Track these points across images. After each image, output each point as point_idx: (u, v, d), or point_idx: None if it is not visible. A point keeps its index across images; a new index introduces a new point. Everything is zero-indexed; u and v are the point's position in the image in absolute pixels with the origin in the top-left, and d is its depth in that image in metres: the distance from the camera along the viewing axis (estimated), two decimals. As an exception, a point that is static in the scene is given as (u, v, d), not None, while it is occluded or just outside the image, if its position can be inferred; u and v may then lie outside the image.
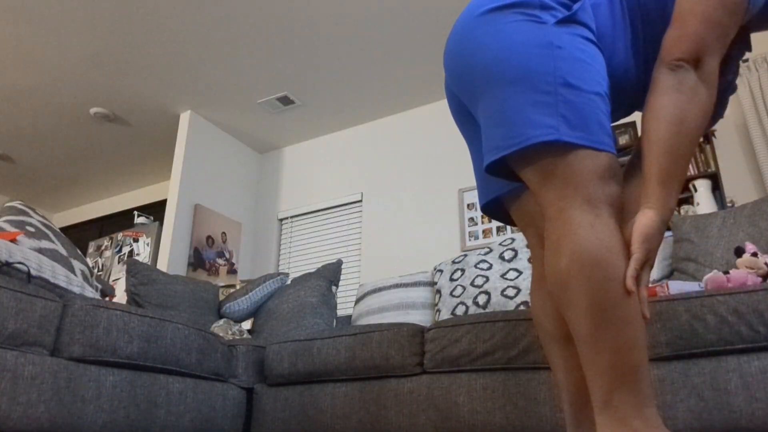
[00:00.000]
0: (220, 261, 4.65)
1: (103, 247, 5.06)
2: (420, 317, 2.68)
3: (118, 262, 4.83)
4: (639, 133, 3.45)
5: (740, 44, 1.05)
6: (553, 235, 0.91)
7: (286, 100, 4.53)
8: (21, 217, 1.89)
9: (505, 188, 1.14)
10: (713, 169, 3.19)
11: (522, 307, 2.35)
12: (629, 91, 1.04)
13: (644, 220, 0.88)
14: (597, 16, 1.01)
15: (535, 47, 0.93)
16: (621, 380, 0.82)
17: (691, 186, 3.18)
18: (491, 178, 1.15)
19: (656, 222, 0.88)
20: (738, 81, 3.41)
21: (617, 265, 0.85)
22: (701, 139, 3.28)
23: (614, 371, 0.83)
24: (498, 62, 0.95)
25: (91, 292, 1.84)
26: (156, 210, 5.31)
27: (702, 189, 3.12)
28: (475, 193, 4.13)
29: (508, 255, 2.60)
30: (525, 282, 2.43)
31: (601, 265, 0.85)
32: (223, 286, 3.06)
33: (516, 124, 0.92)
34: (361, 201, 4.65)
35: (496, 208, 1.19)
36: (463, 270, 2.64)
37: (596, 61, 0.96)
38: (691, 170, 3.24)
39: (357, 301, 2.96)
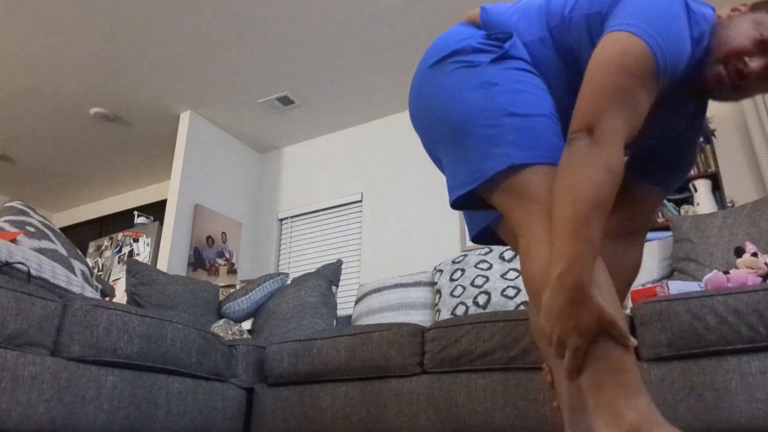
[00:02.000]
0: (220, 261, 4.65)
1: (103, 247, 5.06)
2: (420, 317, 2.68)
3: (118, 262, 4.83)
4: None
5: (694, 103, 1.09)
6: (524, 246, 0.95)
7: (286, 100, 4.53)
8: (21, 217, 1.89)
9: (491, 217, 1.18)
10: (713, 169, 3.19)
11: (522, 307, 2.35)
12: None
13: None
14: (532, 54, 1.08)
15: (474, 89, 1.01)
16: (606, 376, 0.83)
17: (691, 186, 3.18)
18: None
19: (546, 297, 0.87)
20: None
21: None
22: (702, 139, 3.28)
23: (598, 368, 0.84)
24: (446, 111, 1.04)
25: (91, 292, 1.84)
26: (156, 210, 5.30)
27: (702, 189, 3.12)
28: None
29: (508, 255, 2.60)
30: (525, 282, 2.43)
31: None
32: (223, 286, 3.06)
33: (473, 162, 1.00)
34: (361, 201, 4.65)
35: (484, 236, 1.24)
36: (463, 270, 2.64)
37: (534, 87, 1.02)
38: (692, 170, 3.25)
39: (357, 301, 2.96)
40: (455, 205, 1.06)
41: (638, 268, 1.21)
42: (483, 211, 1.18)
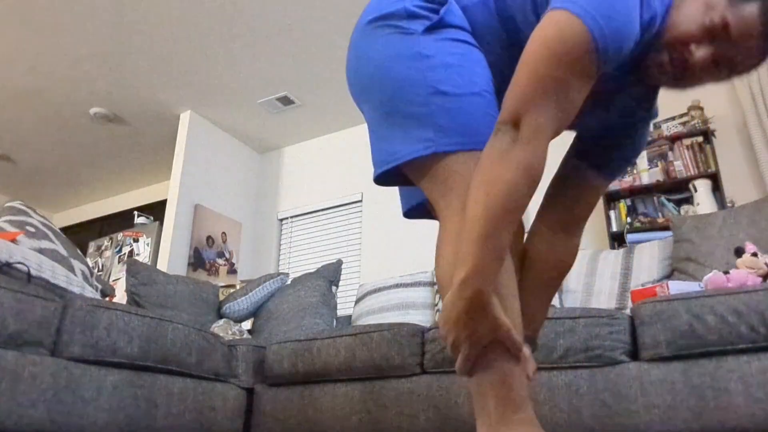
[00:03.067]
0: (220, 261, 4.65)
1: (103, 247, 5.06)
2: (420, 317, 2.68)
3: (118, 262, 4.83)
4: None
5: (640, 100, 1.03)
6: (438, 240, 0.92)
7: (286, 100, 4.53)
8: (21, 217, 1.89)
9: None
10: (713, 169, 3.19)
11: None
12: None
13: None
14: (471, 19, 0.99)
15: (404, 60, 0.93)
16: (489, 389, 0.82)
17: (691, 186, 3.17)
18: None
19: (447, 299, 0.83)
20: (738, 81, 3.41)
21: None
22: (702, 139, 3.28)
23: (484, 379, 0.83)
24: (374, 79, 0.97)
25: (91, 292, 1.84)
26: (156, 210, 5.30)
27: (702, 189, 3.12)
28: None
29: (508, 255, 2.59)
30: (525, 282, 2.43)
31: None
32: (223, 286, 3.06)
33: (395, 140, 0.94)
34: (361, 201, 4.65)
35: (418, 212, 1.19)
36: (463, 270, 2.63)
37: (470, 61, 0.94)
38: (691, 170, 3.24)
39: (357, 301, 2.96)
40: (378, 181, 1.00)
41: (572, 259, 1.13)
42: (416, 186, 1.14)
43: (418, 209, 1.17)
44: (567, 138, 1.06)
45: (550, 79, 0.82)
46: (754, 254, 1.69)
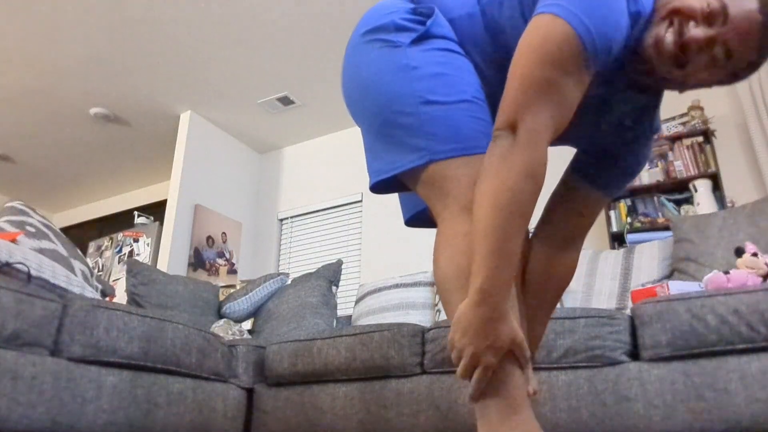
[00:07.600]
0: (220, 261, 4.65)
1: (103, 248, 5.06)
2: (420, 317, 2.68)
3: (118, 262, 4.83)
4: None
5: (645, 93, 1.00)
6: (435, 242, 0.93)
7: (286, 100, 4.53)
8: (21, 217, 1.89)
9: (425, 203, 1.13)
10: (713, 169, 3.19)
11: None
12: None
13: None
14: (459, 30, 1.00)
15: (392, 73, 0.95)
16: (490, 385, 0.82)
17: (691, 186, 3.17)
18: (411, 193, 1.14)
19: (461, 310, 0.82)
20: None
21: None
22: (702, 139, 3.27)
23: (487, 384, 0.83)
24: (365, 94, 0.99)
25: (91, 292, 1.84)
26: (156, 210, 5.31)
27: (702, 189, 3.11)
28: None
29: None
30: (525, 282, 2.43)
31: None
32: (223, 286, 3.06)
33: (390, 151, 0.95)
34: (361, 201, 4.65)
35: (419, 220, 1.19)
36: (463, 270, 2.63)
37: (457, 69, 0.95)
38: (692, 170, 3.24)
39: (357, 302, 2.96)
40: (374, 189, 1.01)
41: (571, 276, 1.12)
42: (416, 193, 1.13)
43: (419, 218, 1.18)
44: (567, 152, 1.05)
45: (541, 81, 0.82)
46: (754, 254, 1.69)
